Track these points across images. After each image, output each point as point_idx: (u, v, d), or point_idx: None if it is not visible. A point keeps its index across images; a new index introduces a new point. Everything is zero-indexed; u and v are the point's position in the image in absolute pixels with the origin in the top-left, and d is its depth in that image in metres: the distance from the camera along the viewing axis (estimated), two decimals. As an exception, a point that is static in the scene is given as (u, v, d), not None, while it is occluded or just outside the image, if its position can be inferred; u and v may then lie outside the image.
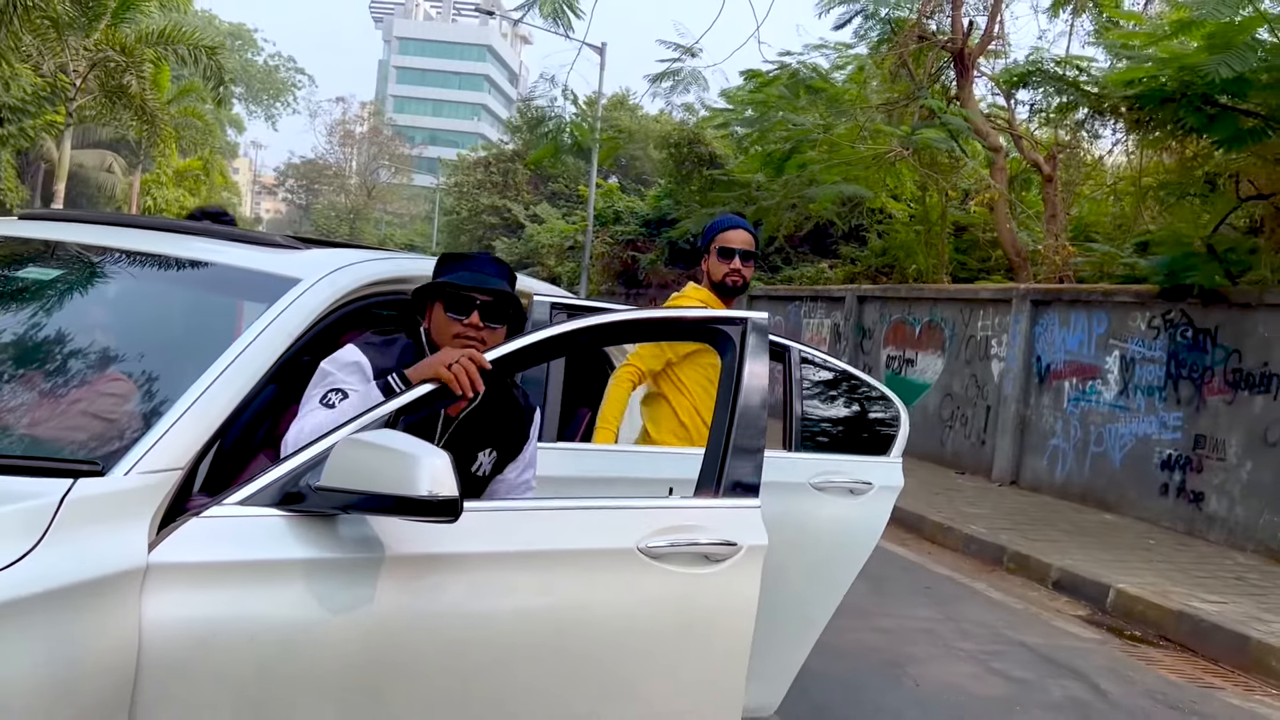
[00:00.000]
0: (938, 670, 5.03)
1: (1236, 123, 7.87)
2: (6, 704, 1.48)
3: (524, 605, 2.01)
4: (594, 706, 2.11)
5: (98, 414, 2.15)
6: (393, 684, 1.89)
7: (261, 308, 2.21)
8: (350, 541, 1.87)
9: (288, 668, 1.80)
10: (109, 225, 2.74)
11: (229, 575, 1.78)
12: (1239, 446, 8.46)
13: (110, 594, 1.65)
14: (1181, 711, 4.86)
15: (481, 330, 2.37)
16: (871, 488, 3.23)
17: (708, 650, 2.23)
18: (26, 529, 1.59)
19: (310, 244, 2.71)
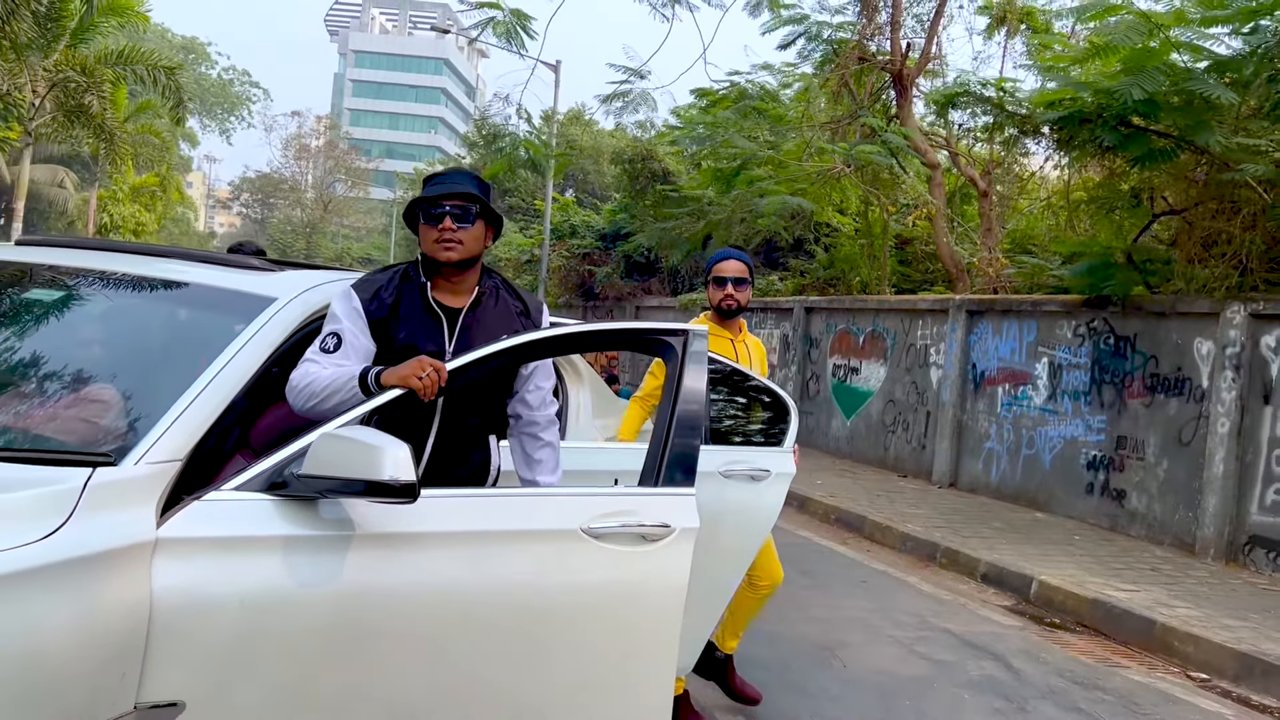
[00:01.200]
0: (866, 654, 5.43)
1: (1149, 142, 8.42)
2: (45, 650, 1.81)
3: (478, 577, 2.36)
4: (541, 667, 2.46)
5: (88, 418, 2.49)
6: (363, 642, 2.24)
7: (242, 324, 2.55)
8: (328, 521, 2.22)
9: (272, 626, 2.14)
10: (102, 250, 3.06)
11: (224, 548, 2.13)
12: (1156, 446, 8.99)
13: (126, 562, 1.98)
14: (1086, 687, 5.30)
15: (456, 231, 2.65)
16: (769, 474, 3.62)
17: (644, 618, 2.57)
18: (57, 508, 1.93)
19: (282, 266, 3.05)
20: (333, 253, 66.82)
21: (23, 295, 2.76)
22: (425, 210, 2.69)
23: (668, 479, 2.64)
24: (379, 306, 2.65)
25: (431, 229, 2.68)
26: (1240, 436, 8.18)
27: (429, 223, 2.69)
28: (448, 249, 2.66)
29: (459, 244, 2.66)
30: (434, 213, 2.67)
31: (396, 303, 2.67)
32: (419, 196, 2.73)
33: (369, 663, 2.24)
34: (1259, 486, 8.06)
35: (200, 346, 2.49)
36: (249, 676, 2.12)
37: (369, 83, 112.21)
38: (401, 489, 2.11)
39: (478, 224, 2.71)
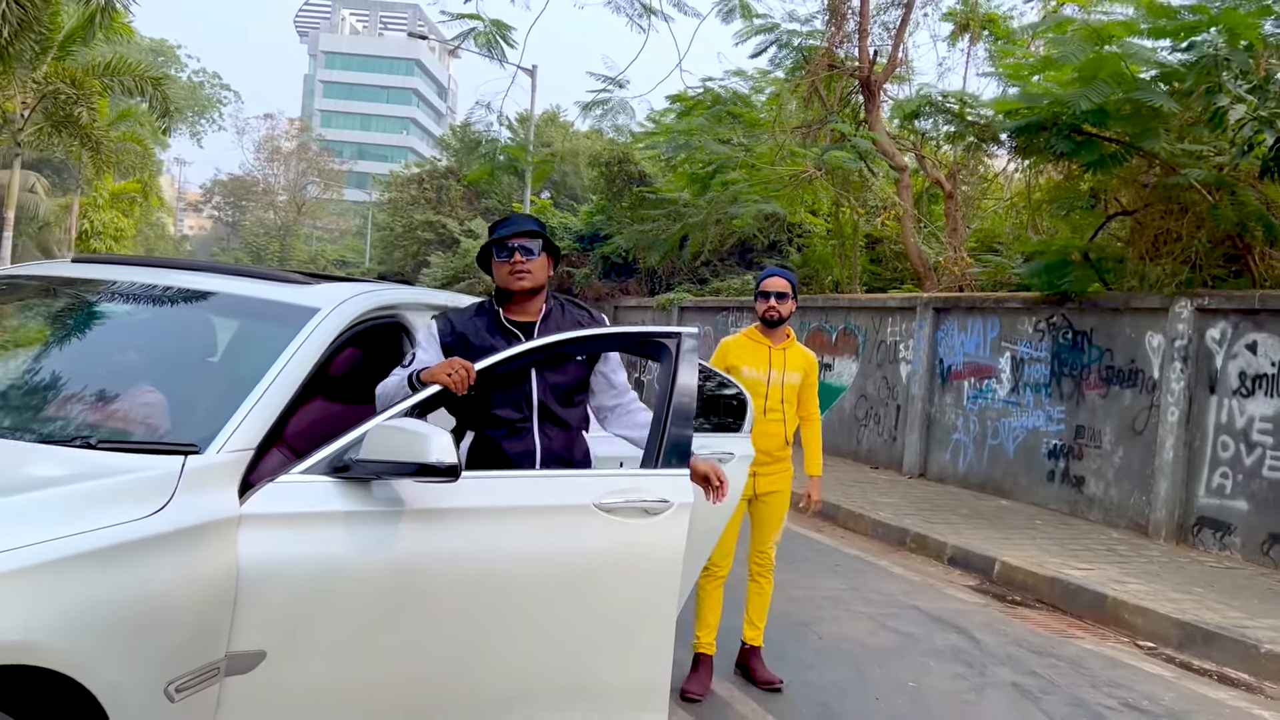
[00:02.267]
0: (839, 628, 5.87)
1: (1100, 148, 8.92)
2: (162, 600, 2.20)
3: (508, 545, 2.76)
4: (562, 620, 2.87)
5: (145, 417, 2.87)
6: (411, 600, 2.64)
7: (292, 331, 2.94)
8: (381, 499, 2.62)
9: (336, 587, 2.54)
10: (153, 267, 3.43)
11: (295, 522, 2.52)
12: (1112, 435, 9.51)
13: (217, 534, 2.38)
14: (1041, 654, 5.76)
15: (525, 263, 3.16)
16: (733, 457, 4.09)
17: (648, 579, 2.97)
18: (162, 489, 2.32)
19: (317, 279, 3.44)
20: (307, 255, 66.70)
21: (100, 308, 3.14)
22: (497, 249, 3.20)
23: (665, 461, 3.06)
24: (451, 334, 3.16)
25: (504, 264, 3.18)
26: (1189, 424, 8.70)
27: (501, 258, 3.20)
28: (520, 279, 3.16)
29: (528, 273, 3.16)
30: (505, 250, 3.18)
31: (468, 330, 3.17)
32: (491, 239, 3.25)
33: (417, 617, 2.64)
34: (1206, 471, 8.58)
35: (258, 351, 2.88)
36: (318, 630, 2.51)
37: (340, 84, 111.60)
38: (446, 470, 2.52)
39: (541, 256, 3.22)
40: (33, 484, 2.19)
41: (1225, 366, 8.50)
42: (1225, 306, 8.55)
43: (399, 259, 37.25)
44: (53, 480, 2.22)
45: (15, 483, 2.18)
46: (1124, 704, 5.00)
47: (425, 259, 33.72)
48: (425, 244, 34.90)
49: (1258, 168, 7.83)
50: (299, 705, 2.51)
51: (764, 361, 4.68)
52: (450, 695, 2.73)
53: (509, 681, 2.78)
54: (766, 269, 5.06)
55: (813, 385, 4.82)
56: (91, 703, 2.04)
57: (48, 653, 1.93)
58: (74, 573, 2.03)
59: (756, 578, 4.83)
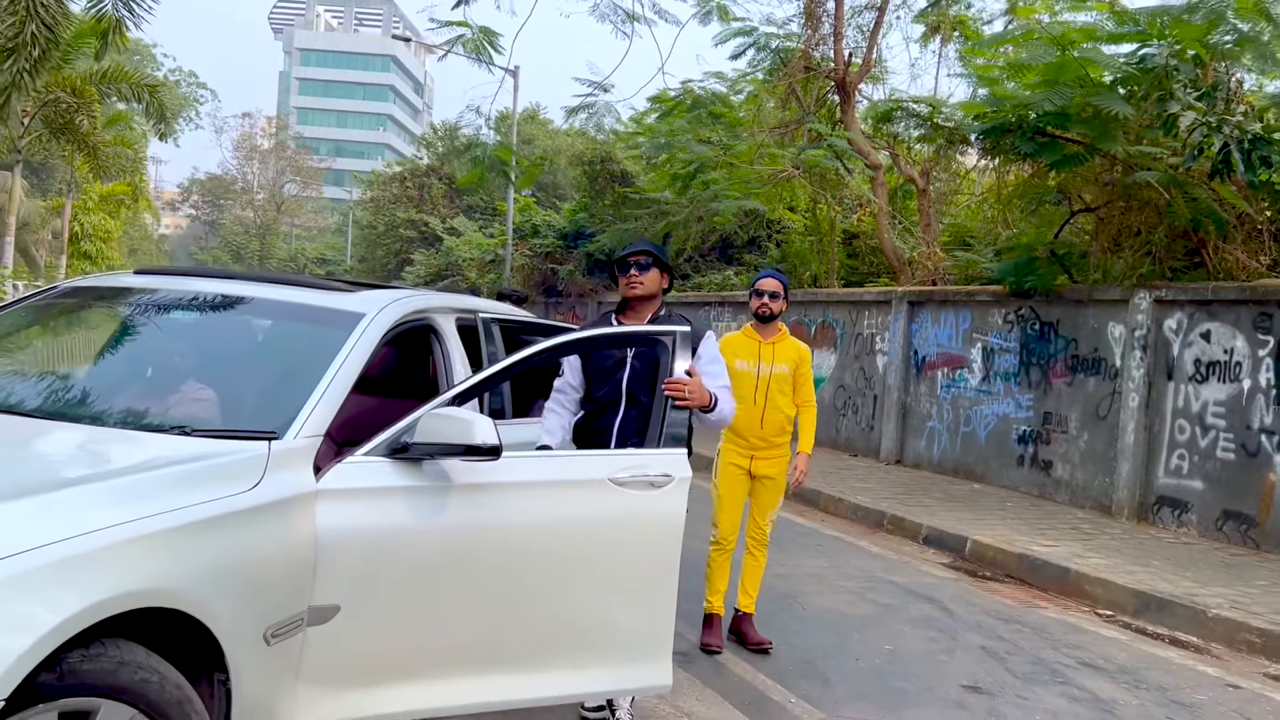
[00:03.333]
0: (821, 600, 6.35)
1: (1062, 149, 9.44)
2: (260, 562, 2.63)
3: (538, 513, 3.21)
4: (583, 577, 3.31)
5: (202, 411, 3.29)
6: (458, 561, 3.08)
7: (343, 334, 3.37)
8: (431, 475, 3.06)
9: (396, 550, 2.97)
10: (209, 278, 3.85)
11: (361, 495, 2.95)
12: (1077, 421, 10.04)
13: (300, 506, 2.81)
14: (1007, 622, 6.26)
15: (638, 276, 3.95)
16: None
17: (654, 542, 3.40)
18: (255, 469, 2.74)
19: (357, 286, 3.87)
20: (286, 253, 66.72)
21: (174, 315, 3.56)
22: (619, 266, 4.03)
23: (666, 442, 3.52)
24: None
25: (623, 277, 3.99)
26: (1148, 409, 9.24)
27: (621, 273, 4.00)
28: (632, 289, 3.97)
29: (640, 284, 3.96)
30: (624, 266, 3.99)
31: None
32: (615, 259, 4.07)
33: (462, 575, 3.09)
34: (1165, 453, 9.12)
35: (316, 351, 3.30)
36: (381, 587, 2.95)
37: (315, 81, 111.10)
38: (490, 450, 2.97)
39: (652, 271, 3.98)
40: (151, 465, 2.61)
41: (1182, 354, 9.04)
42: (1181, 298, 9.09)
43: (381, 257, 37.55)
44: (165, 461, 2.65)
45: (138, 464, 2.61)
46: (1081, 662, 5.50)
47: (408, 257, 34.03)
48: (408, 242, 35.21)
49: (1208, 168, 8.35)
50: (366, 652, 2.96)
51: (754, 355, 5.16)
52: (489, 642, 3.18)
53: (540, 629, 3.23)
54: (762, 271, 5.56)
55: (806, 375, 5.29)
56: (209, 644, 2.47)
57: (182, 598, 2.36)
58: (196, 536, 2.46)
59: (752, 550, 5.31)
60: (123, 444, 2.78)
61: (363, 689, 2.98)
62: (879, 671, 5.06)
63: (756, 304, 5.23)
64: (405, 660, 3.03)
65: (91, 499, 2.34)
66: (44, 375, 3.42)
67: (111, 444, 2.78)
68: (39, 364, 3.56)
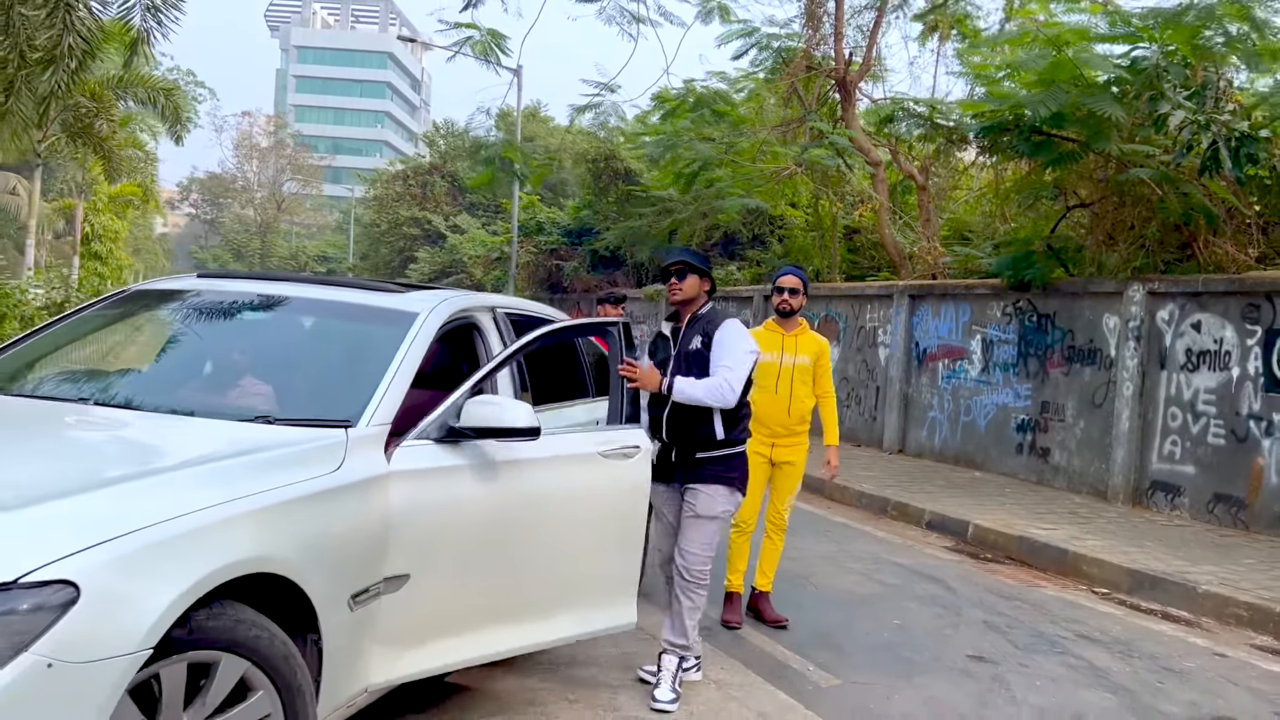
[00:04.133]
0: (832, 580, 6.69)
1: (1058, 147, 9.76)
2: (348, 536, 2.96)
3: (553, 482, 3.75)
4: (585, 532, 3.86)
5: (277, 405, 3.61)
6: (500, 523, 3.51)
7: (400, 331, 3.70)
8: (474, 454, 3.43)
9: (451, 520, 3.35)
10: (272, 280, 4.17)
11: (423, 475, 3.29)
12: (1074, 409, 10.38)
13: (376, 485, 3.14)
14: (1008, 599, 6.59)
15: (678, 283, 4.38)
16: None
17: (629, 502, 4.04)
18: (337, 453, 3.07)
19: (407, 288, 4.20)
20: (287, 251, 67.00)
21: (245, 315, 3.89)
22: (662, 275, 4.48)
23: (628, 420, 4.17)
24: (651, 337, 4.65)
25: (667, 285, 4.46)
26: (1142, 397, 9.58)
27: (663, 281, 4.47)
28: (674, 294, 4.42)
29: (680, 290, 4.39)
30: (666, 275, 4.46)
31: (656, 340, 4.62)
32: (660, 267, 4.59)
33: (499, 539, 3.54)
34: (1158, 439, 9.46)
35: (378, 346, 3.63)
36: (440, 555, 3.31)
37: (313, 78, 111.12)
38: (529, 431, 3.36)
39: (690, 278, 4.38)
40: (248, 450, 2.94)
41: (1174, 344, 9.37)
42: (1173, 290, 9.42)
43: (385, 255, 37.85)
44: (259, 447, 2.97)
45: (237, 449, 2.93)
46: (1078, 635, 5.83)
47: (412, 254, 34.32)
48: (411, 239, 35.51)
49: (1198, 165, 8.68)
50: (426, 614, 3.32)
51: (777, 346, 5.49)
52: (515, 596, 3.68)
53: (558, 576, 3.82)
54: (782, 268, 5.92)
55: (826, 367, 5.62)
56: (303, 609, 2.80)
57: (286, 565, 2.69)
58: (294, 511, 2.79)
59: (771, 534, 5.65)
60: (218, 432, 3.10)
61: (420, 647, 3.35)
62: (888, 643, 5.40)
63: (778, 300, 5.57)
64: (453, 619, 3.44)
65: (205, 479, 2.67)
66: (133, 372, 3.76)
67: (208, 432, 3.11)
68: (125, 361, 3.89)
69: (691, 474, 4.35)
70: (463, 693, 4.02)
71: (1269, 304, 8.53)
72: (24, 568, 2.12)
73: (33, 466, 2.67)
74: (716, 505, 4.31)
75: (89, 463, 2.74)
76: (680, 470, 4.39)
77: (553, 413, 4.60)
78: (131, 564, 2.28)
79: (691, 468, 4.36)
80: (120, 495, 2.47)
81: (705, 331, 4.34)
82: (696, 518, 4.30)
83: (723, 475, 4.33)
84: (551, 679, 4.29)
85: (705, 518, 4.29)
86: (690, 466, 4.36)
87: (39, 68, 7.97)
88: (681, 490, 4.39)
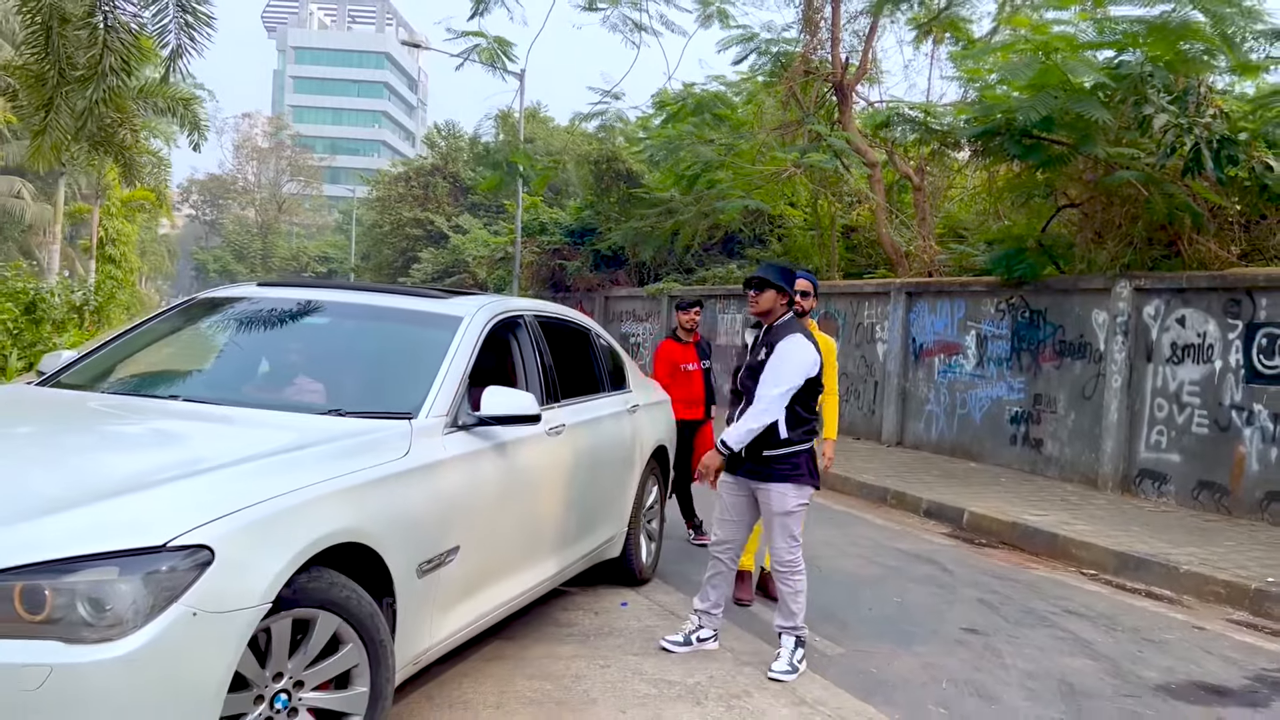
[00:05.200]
0: (835, 564, 7.11)
1: (1047, 150, 10.19)
2: (417, 513, 3.39)
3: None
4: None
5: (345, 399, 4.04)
6: (523, 490, 4.14)
7: (448, 334, 4.12)
8: (491, 437, 3.94)
9: (486, 492, 3.86)
10: (324, 288, 4.60)
11: (468, 458, 3.77)
12: (1065, 401, 10.81)
13: (437, 468, 3.57)
14: (1001, 579, 7.02)
15: (755, 297, 4.75)
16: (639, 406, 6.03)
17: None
18: (404, 441, 3.50)
19: (450, 294, 4.62)
20: (288, 251, 67.43)
21: (310, 319, 4.32)
22: (745, 285, 4.87)
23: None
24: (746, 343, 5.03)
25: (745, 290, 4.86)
26: (1130, 390, 10.01)
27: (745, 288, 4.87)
28: (751, 307, 4.80)
29: (757, 303, 4.75)
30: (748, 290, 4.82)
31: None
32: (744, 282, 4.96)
33: (530, 500, 4.23)
34: (1145, 429, 9.89)
35: (430, 347, 4.06)
36: (481, 524, 3.81)
37: (310, 78, 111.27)
38: (533, 418, 3.95)
39: (767, 292, 4.72)
40: (328, 438, 3.36)
41: (1160, 338, 9.80)
42: (1159, 286, 9.85)
43: (389, 255, 38.26)
44: (336, 435, 3.40)
45: (319, 437, 3.36)
46: (1065, 610, 6.27)
47: (415, 255, 34.72)
48: (414, 239, 35.91)
49: (1181, 166, 9.11)
50: (474, 577, 3.82)
51: None
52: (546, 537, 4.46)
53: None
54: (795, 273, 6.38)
55: (832, 365, 6.01)
56: (380, 575, 3.22)
57: (370, 537, 3.11)
58: (373, 491, 3.22)
59: None
60: (299, 423, 3.52)
61: (462, 606, 3.82)
62: (889, 618, 5.83)
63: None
64: (489, 575, 4.01)
65: (300, 464, 3.10)
66: (210, 371, 4.19)
67: (291, 423, 3.52)
68: (200, 362, 4.32)
69: (761, 473, 4.66)
70: (504, 660, 4.44)
71: (1249, 299, 8.96)
72: (171, 533, 2.54)
73: (154, 453, 3.10)
74: (789, 501, 4.65)
75: (199, 450, 3.16)
76: (749, 464, 4.68)
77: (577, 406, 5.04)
78: (252, 533, 2.70)
79: (760, 465, 4.66)
80: (236, 476, 2.89)
81: (770, 343, 4.65)
82: (772, 515, 4.68)
83: (790, 474, 4.63)
84: (582, 648, 4.71)
85: (779, 514, 4.66)
86: (759, 464, 4.66)
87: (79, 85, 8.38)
88: (752, 487, 4.75)
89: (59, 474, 2.85)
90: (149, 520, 2.57)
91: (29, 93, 9.67)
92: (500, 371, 4.59)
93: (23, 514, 2.53)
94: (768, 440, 4.60)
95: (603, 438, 5.09)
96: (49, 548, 2.44)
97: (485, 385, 4.09)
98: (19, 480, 2.79)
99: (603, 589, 5.74)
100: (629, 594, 5.73)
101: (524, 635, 4.80)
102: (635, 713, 3.99)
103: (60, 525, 2.51)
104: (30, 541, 2.45)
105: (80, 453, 3.09)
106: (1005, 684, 4.80)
